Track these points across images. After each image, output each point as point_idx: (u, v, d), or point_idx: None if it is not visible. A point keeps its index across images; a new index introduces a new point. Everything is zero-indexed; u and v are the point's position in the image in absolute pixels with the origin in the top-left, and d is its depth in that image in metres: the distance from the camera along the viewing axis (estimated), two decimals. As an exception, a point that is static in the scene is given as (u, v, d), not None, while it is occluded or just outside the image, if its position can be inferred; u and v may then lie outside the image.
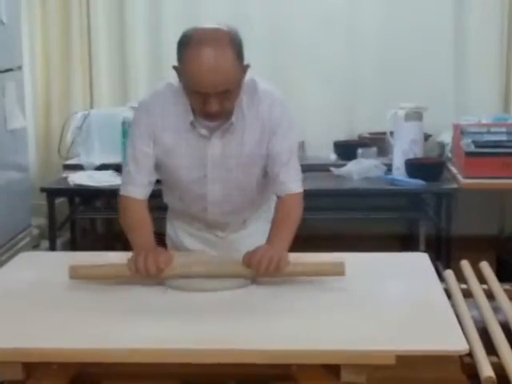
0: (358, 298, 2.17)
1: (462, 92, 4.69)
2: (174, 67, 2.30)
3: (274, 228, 2.38)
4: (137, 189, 2.43)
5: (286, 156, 2.43)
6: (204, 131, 2.38)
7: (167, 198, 2.63)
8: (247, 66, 2.30)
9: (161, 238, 2.52)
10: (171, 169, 2.45)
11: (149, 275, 2.20)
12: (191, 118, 2.36)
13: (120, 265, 2.26)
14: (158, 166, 2.46)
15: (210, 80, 2.19)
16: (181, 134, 2.39)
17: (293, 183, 2.44)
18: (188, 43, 2.22)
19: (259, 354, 1.84)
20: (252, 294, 2.21)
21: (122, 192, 2.46)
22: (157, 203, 2.76)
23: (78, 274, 2.28)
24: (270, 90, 2.43)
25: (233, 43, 2.22)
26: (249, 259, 2.22)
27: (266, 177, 2.51)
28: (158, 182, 2.62)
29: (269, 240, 2.34)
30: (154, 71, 4.68)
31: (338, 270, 2.26)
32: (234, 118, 2.35)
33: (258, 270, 2.20)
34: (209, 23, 2.28)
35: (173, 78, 2.38)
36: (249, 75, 2.34)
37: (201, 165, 2.42)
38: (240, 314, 2.06)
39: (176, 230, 2.64)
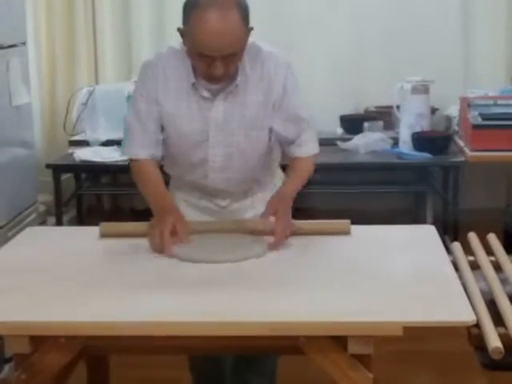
0: (365, 270, 2.16)
1: (469, 65, 4.67)
2: (179, 29, 2.29)
3: (286, 182, 2.47)
4: (145, 151, 2.44)
5: (304, 113, 2.46)
6: (206, 93, 2.37)
7: (168, 167, 2.61)
8: (251, 29, 2.30)
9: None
10: (173, 132, 2.44)
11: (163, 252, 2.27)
12: (193, 80, 2.35)
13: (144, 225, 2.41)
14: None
15: (217, 44, 2.18)
16: (183, 97, 2.38)
17: (311, 144, 2.50)
18: (194, 6, 2.21)
19: (266, 327, 1.84)
20: (259, 266, 2.21)
21: (131, 155, 2.47)
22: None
23: (108, 231, 2.43)
24: (274, 51, 2.42)
25: (239, 6, 2.22)
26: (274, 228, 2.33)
27: (270, 146, 2.50)
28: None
29: (278, 192, 2.43)
30: (159, 46, 4.66)
31: (344, 228, 2.40)
32: (238, 80, 2.34)
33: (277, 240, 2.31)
34: None
35: (176, 41, 2.37)
36: (251, 39, 2.33)
37: (203, 128, 2.40)
38: (247, 286, 2.06)
39: (177, 200, 2.61)
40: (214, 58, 2.21)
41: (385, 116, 4.47)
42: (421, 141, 4.09)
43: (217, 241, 2.36)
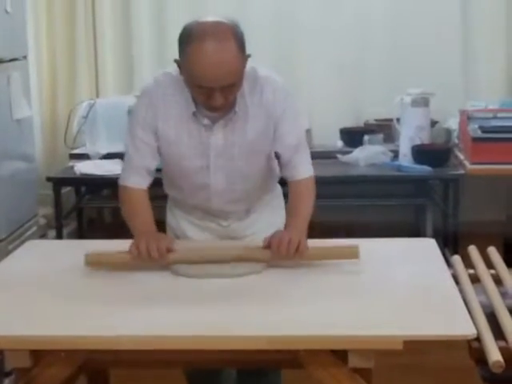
0: (365, 284, 2.16)
1: (469, 78, 4.68)
2: (176, 61, 2.28)
3: (289, 214, 2.43)
4: (138, 178, 2.43)
5: (294, 140, 2.44)
6: (206, 121, 2.36)
7: (168, 189, 2.62)
8: (248, 56, 2.28)
9: (161, 226, 2.52)
10: (174, 159, 2.43)
11: (151, 258, 2.23)
12: (193, 108, 2.34)
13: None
14: (161, 157, 2.46)
15: (215, 75, 2.17)
16: (183, 124, 2.37)
17: (304, 167, 2.46)
18: (190, 38, 2.19)
19: (266, 340, 1.84)
20: (260, 280, 2.21)
21: (123, 182, 2.46)
22: (157, 192, 2.75)
23: (93, 261, 2.29)
24: (271, 76, 2.41)
25: (235, 36, 2.20)
26: (269, 242, 2.27)
27: (270, 165, 2.51)
28: (158, 170, 2.62)
29: (286, 225, 2.39)
30: (159, 60, 4.68)
31: (353, 254, 2.28)
32: (237, 108, 2.34)
33: (279, 252, 2.24)
34: (210, 16, 2.26)
35: (172, 67, 2.36)
36: (248, 63, 2.32)
37: (203, 154, 2.40)
38: (247, 301, 2.07)
39: (177, 219, 2.63)
40: (213, 89, 2.20)
41: (385, 129, 4.47)
42: (421, 153, 4.10)
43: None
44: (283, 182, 2.72)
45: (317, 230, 2.63)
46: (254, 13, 4.57)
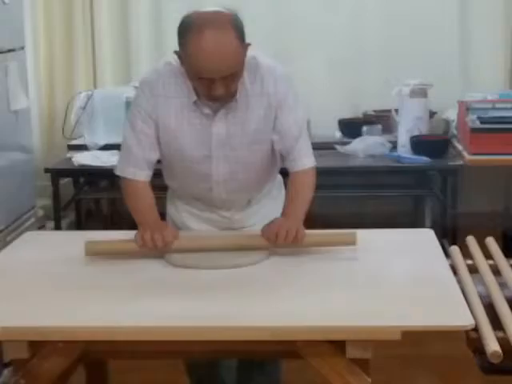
0: (363, 274, 2.16)
1: (467, 68, 4.68)
2: (176, 52, 2.27)
3: (288, 202, 2.43)
4: (140, 171, 2.42)
5: (296, 130, 2.43)
6: (207, 110, 2.35)
7: (169, 180, 2.60)
8: (248, 45, 2.27)
9: (161, 217, 2.51)
10: (175, 149, 2.42)
11: (155, 247, 2.26)
12: (194, 97, 2.33)
13: (132, 240, 2.31)
14: (161, 148, 2.44)
15: (215, 65, 2.16)
16: (184, 114, 2.36)
17: (305, 158, 2.46)
18: (189, 29, 2.18)
19: (264, 331, 1.84)
20: (258, 271, 2.21)
21: (125, 174, 2.44)
22: (157, 182, 2.75)
23: (93, 250, 2.29)
24: (273, 65, 2.41)
25: (234, 26, 2.19)
26: (267, 230, 2.30)
27: (272, 154, 2.50)
28: (158, 161, 2.60)
29: (284, 213, 2.40)
30: (157, 50, 4.68)
31: (350, 240, 2.32)
32: (237, 96, 2.33)
33: (277, 240, 2.27)
34: (209, 7, 2.25)
35: (172, 57, 2.36)
36: (249, 51, 2.31)
37: (205, 144, 2.39)
38: (245, 291, 2.06)
39: (178, 209, 2.61)
40: (214, 80, 2.19)
41: (383, 119, 4.47)
42: (419, 144, 4.10)
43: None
44: (284, 172, 2.71)
45: (315, 221, 2.63)
46: (252, 4, 4.55)
